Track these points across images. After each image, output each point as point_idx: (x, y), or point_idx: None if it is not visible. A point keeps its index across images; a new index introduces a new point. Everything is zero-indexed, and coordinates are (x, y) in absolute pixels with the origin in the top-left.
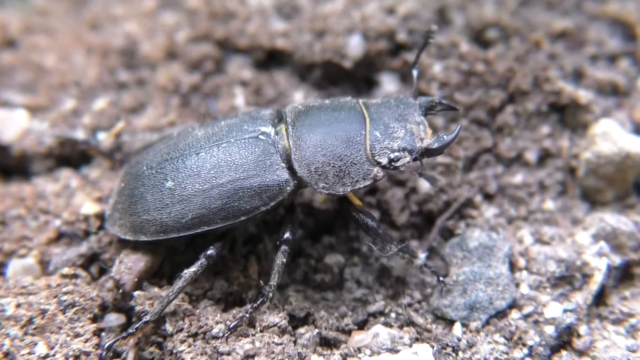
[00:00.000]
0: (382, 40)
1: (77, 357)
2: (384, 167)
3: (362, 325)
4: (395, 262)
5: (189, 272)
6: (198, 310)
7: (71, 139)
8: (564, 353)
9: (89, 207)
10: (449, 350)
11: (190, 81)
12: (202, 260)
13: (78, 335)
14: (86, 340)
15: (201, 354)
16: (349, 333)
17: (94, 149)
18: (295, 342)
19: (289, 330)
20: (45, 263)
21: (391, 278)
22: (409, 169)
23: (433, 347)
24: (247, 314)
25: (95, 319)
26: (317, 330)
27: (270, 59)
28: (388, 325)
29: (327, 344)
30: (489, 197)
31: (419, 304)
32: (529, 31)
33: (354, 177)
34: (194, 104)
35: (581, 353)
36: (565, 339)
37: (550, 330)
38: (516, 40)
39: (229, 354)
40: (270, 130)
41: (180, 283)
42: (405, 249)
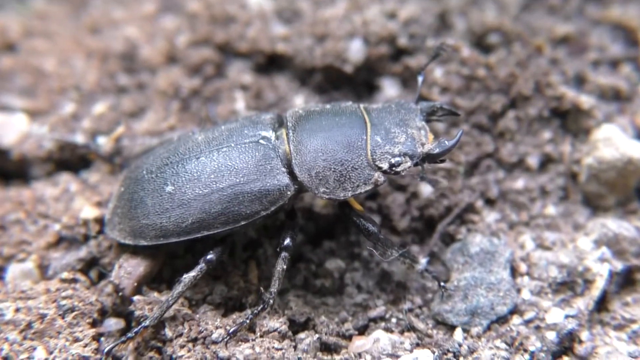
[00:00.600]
0: (383, 45)
1: None
2: (384, 172)
3: (363, 331)
4: (396, 267)
5: (188, 277)
6: (198, 315)
7: (71, 143)
8: (566, 359)
9: (89, 212)
10: (450, 356)
11: (190, 85)
12: (202, 265)
13: (77, 339)
14: (85, 345)
15: (201, 359)
16: (349, 338)
17: (93, 153)
18: (295, 348)
19: (289, 335)
20: (45, 267)
21: (392, 283)
22: (410, 174)
23: (434, 353)
24: (247, 320)
25: (94, 324)
26: (318, 335)
27: (271, 64)
28: (389, 330)
29: (328, 349)
30: (490, 202)
31: (419, 309)
32: (530, 36)
33: (355, 182)
34: (194, 108)
35: (583, 359)
36: (566, 345)
37: (551, 336)
38: (518, 45)
39: (228, 359)
40: (270, 134)
41: (179, 288)
42: (406, 254)
